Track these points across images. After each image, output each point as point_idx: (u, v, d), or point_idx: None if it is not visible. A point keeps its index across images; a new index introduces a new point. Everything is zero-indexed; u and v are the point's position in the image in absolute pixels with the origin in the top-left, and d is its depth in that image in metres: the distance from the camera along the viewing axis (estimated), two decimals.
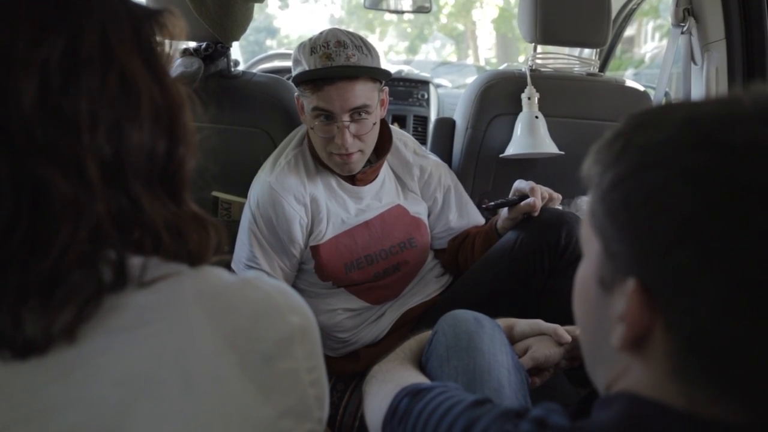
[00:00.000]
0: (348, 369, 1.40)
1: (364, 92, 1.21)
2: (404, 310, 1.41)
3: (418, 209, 1.42)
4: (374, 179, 1.37)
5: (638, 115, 0.47)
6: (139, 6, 0.52)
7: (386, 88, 1.30)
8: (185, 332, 0.45)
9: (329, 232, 1.33)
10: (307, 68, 1.20)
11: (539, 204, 1.28)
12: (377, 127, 1.29)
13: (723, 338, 0.40)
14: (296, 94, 1.29)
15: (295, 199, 1.28)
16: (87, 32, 0.46)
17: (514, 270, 1.27)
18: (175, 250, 0.49)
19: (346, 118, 1.21)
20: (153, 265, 0.47)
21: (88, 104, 0.45)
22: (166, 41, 0.53)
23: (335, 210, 1.33)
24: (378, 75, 1.24)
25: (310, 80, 1.20)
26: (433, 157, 1.47)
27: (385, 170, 1.39)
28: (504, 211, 1.35)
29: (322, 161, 1.31)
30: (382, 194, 1.38)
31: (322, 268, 1.33)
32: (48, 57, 0.44)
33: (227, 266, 0.51)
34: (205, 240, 0.52)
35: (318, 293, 1.38)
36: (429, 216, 1.45)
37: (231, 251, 1.37)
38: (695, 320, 0.41)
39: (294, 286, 1.40)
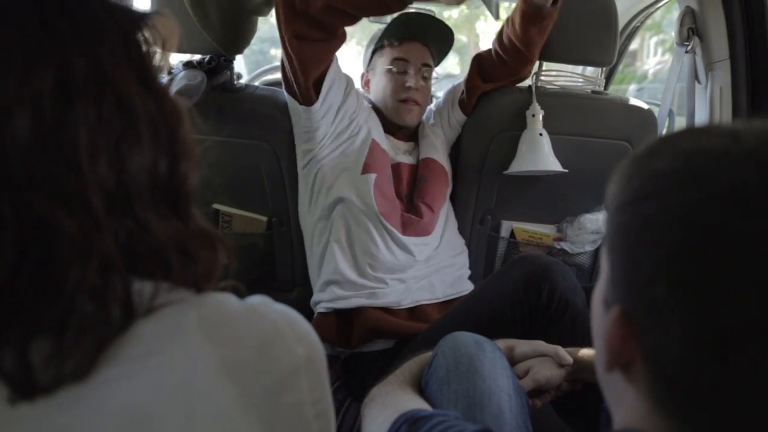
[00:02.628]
0: (341, 341, 1.42)
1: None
2: (427, 298, 1.45)
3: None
4: (411, 135, 1.64)
5: (657, 139, 0.47)
6: (126, 12, 0.49)
7: None
8: (187, 364, 0.42)
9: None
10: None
11: None
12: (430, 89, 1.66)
13: (693, 378, 0.40)
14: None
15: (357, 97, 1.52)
16: (77, 57, 0.44)
17: (493, 324, 1.19)
18: (184, 274, 0.47)
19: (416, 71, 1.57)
20: (160, 291, 0.45)
21: (85, 134, 0.43)
22: (158, 48, 0.51)
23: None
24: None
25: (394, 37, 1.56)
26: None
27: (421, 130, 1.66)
28: None
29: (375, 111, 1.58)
30: (421, 146, 1.63)
31: (373, 155, 1.49)
32: (40, 90, 0.42)
33: (233, 290, 0.49)
34: (213, 258, 0.50)
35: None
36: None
37: (238, 267, 1.36)
38: (668, 356, 0.41)
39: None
